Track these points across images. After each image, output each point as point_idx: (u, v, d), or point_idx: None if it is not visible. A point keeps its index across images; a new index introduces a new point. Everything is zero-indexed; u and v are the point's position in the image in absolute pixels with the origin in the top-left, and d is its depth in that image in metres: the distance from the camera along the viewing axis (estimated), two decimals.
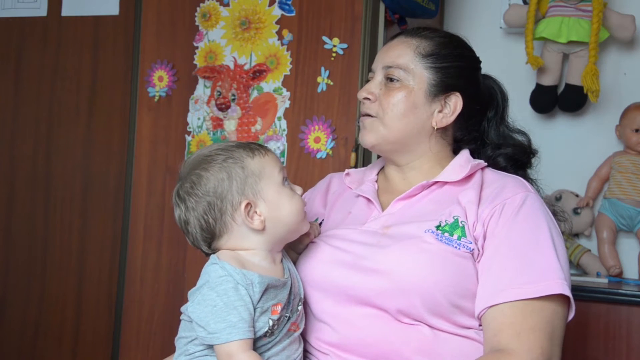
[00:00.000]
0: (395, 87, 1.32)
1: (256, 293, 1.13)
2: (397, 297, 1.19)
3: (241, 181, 1.18)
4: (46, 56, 2.38)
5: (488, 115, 1.43)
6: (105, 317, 2.26)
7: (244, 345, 1.10)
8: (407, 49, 1.34)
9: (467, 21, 2.55)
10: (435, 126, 1.33)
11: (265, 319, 1.14)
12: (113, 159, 2.28)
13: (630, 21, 2.25)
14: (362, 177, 1.44)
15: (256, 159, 1.20)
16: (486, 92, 1.42)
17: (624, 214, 2.25)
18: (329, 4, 2.00)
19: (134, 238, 2.22)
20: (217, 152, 1.20)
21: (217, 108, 2.12)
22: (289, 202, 1.20)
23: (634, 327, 1.90)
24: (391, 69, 1.33)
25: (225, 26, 2.13)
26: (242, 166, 1.19)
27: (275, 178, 1.20)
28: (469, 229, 1.23)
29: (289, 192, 1.22)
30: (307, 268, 1.29)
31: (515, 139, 1.43)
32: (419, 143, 1.34)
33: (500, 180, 1.30)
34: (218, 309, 1.10)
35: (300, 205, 1.22)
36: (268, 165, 1.21)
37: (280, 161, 1.24)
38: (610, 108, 2.36)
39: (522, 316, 1.15)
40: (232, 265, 1.14)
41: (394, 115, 1.31)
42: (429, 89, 1.32)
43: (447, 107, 1.34)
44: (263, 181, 1.19)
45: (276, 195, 1.19)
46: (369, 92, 1.34)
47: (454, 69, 1.34)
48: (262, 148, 1.23)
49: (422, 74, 1.32)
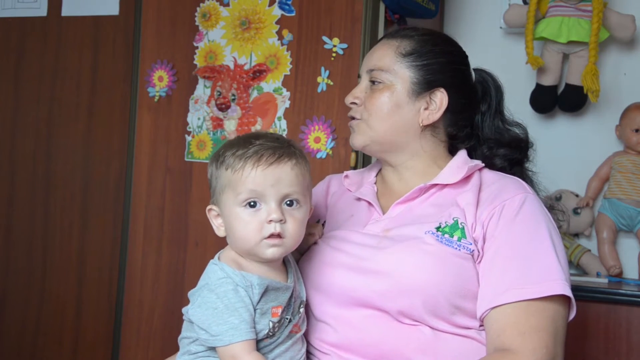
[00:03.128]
0: (378, 89, 1.33)
1: (256, 294, 1.13)
2: (398, 299, 1.19)
3: (216, 186, 1.19)
4: (46, 56, 2.38)
5: (482, 109, 1.43)
6: (105, 317, 2.26)
7: (247, 346, 1.10)
8: (389, 50, 1.35)
9: (467, 21, 2.55)
10: (422, 124, 1.33)
11: (266, 321, 1.14)
12: (113, 159, 2.28)
13: (630, 21, 2.25)
14: (360, 179, 1.44)
15: (227, 171, 1.16)
16: (479, 86, 1.42)
17: (624, 214, 2.25)
18: (329, 4, 2.00)
19: (134, 238, 2.22)
20: (224, 148, 1.21)
21: (217, 108, 2.12)
22: (239, 227, 1.15)
23: (634, 327, 1.90)
24: (374, 72, 1.34)
25: (225, 26, 2.13)
26: (219, 172, 1.18)
27: (234, 197, 1.15)
28: (469, 230, 1.23)
29: (245, 215, 1.14)
30: (308, 270, 1.29)
31: (511, 132, 1.42)
32: (408, 142, 1.34)
33: (498, 181, 1.30)
34: (219, 312, 1.10)
35: (250, 233, 1.14)
36: (233, 182, 1.15)
37: (260, 182, 1.14)
38: (610, 108, 2.36)
39: (525, 316, 1.16)
40: (231, 267, 1.14)
41: (378, 117, 1.32)
42: (411, 87, 1.32)
43: (433, 103, 1.33)
44: (225, 194, 1.17)
45: (229, 213, 1.16)
46: (355, 97, 1.36)
47: (436, 65, 1.34)
48: (245, 161, 1.15)
49: (404, 73, 1.32)
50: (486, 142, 1.41)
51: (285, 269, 1.23)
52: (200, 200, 2.14)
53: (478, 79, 1.42)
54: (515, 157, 1.41)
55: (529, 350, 1.13)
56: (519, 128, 1.44)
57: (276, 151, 1.16)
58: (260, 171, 1.14)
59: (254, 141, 1.17)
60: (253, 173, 1.14)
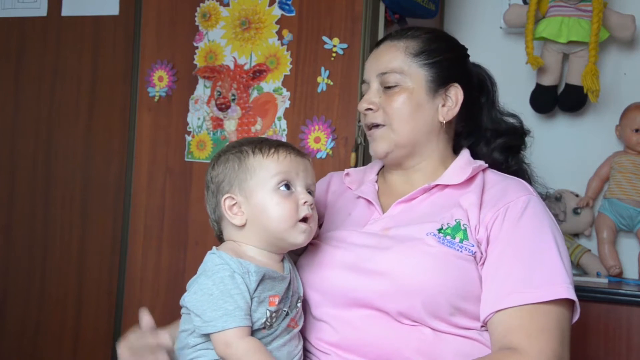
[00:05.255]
0: (395, 91, 1.32)
1: (252, 282, 1.13)
2: (398, 300, 1.19)
3: (233, 175, 1.19)
4: (46, 56, 2.38)
5: (481, 101, 1.44)
6: (105, 317, 2.26)
7: (240, 332, 1.10)
8: (397, 52, 1.34)
9: (467, 21, 2.55)
10: (443, 121, 1.33)
11: (263, 309, 1.14)
12: (113, 159, 2.28)
13: (630, 21, 2.25)
14: (362, 178, 1.44)
15: (256, 157, 1.19)
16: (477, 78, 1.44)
17: (624, 214, 2.25)
18: (329, 4, 2.00)
19: (134, 238, 2.22)
20: (238, 144, 1.23)
21: (217, 108, 2.12)
22: (275, 209, 1.17)
23: (634, 327, 1.90)
24: (386, 75, 1.32)
25: (225, 26, 2.13)
26: (240, 161, 1.20)
27: (267, 180, 1.18)
28: (471, 232, 1.22)
29: (279, 198, 1.18)
30: (308, 270, 1.29)
31: (507, 122, 1.45)
32: (428, 142, 1.34)
33: (501, 182, 1.30)
34: (214, 297, 1.10)
35: (287, 215, 1.17)
36: (266, 165, 1.19)
37: (293, 166, 1.19)
38: (610, 108, 2.36)
39: (530, 319, 1.16)
40: (229, 255, 1.15)
41: (401, 120, 1.31)
42: (428, 85, 1.32)
43: (449, 99, 1.34)
44: (253, 180, 1.18)
45: (262, 198, 1.18)
46: (370, 102, 1.34)
47: (446, 61, 1.34)
48: (276, 147, 1.20)
49: (418, 72, 1.32)
50: (485, 134, 1.42)
51: (282, 264, 1.24)
52: (200, 200, 2.14)
53: (474, 72, 1.44)
54: (513, 144, 1.42)
55: (535, 352, 1.13)
56: (514, 117, 1.46)
57: (268, 142, 1.22)
58: (293, 157, 1.20)
59: (263, 138, 1.24)
60: (289, 157, 1.20)
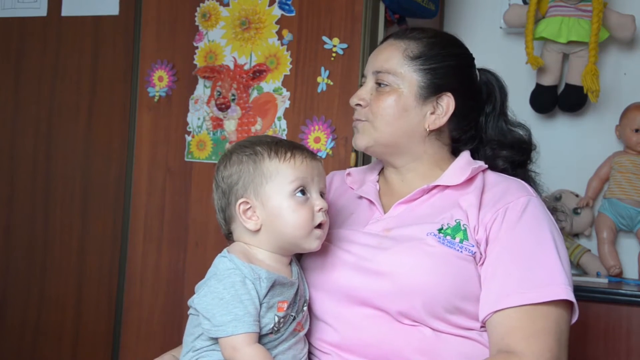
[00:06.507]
0: (385, 91, 1.31)
1: (263, 288, 1.13)
2: (399, 300, 1.19)
3: (248, 178, 1.18)
4: (46, 56, 2.38)
5: (486, 111, 1.41)
6: (105, 317, 2.26)
7: (248, 338, 1.10)
8: (396, 52, 1.32)
9: (467, 21, 2.55)
10: (428, 128, 1.31)
11: (272, 315, 1.14)
12: (113, 159, 2.28)
13: (630, 21, 2.25)
14: (363, 178, 1.44)
15: (273, 161, 1.17)
16: (483, 87, 1.41)
17: (624, 214, 2.25)
18: (329, 4, 2.00)
19: (134, 238, 2.22)
20: (250, 143, 1.21)
21: (217, 108, 2.12)
22: (292, 216, 1.16)
23: (634, 327, 1.90)
24: (380, 74, 1.32)
25: (225, 26, 2.13)
26: (255, 164, 1.18)
27: (284, 186, 1.17)
28: (471, 232, 1.22)
29: (295, 204, 1.16)
30: (312, 271, 1.29)
31: (514, 134, 1.41)
32: (413, 146, 1.33)
33: (501, 183, 1.30)
34: (225, 302, 1.10)
35: (304, 222, 1.17)
36: (282, 171, 1.17)
37: (309, 172, 1.18)
38: (610, 108, 2.36)
39: (529, 320, 1.15)
40: (241, 260, 1.14)
41: (384, 120, 1.30)
42: (419, 91, 1.30)
43: (440, 108, 1.31)
44: (269, 185, 1.17)
45: (279, 204, 1.17)
46: (360, 98, 1.34)
47: (443, 69, 1.32)
48: (292, 151, 1.18)
49: (412, 76, 1.30)
50: (489, 143, 1.40)
51: (290, 268, 1.24)
52: (200, 200, 2.14)
53: (483, 79, 1.41)
54: (517, 159, 1.39)
55: (533, 354, 1.13)
56: (522, 129, 1.42)
57: (285, 144, 1.20)
58: (309, 161, 1.19)
59: (277, 139, 1.22)
60: (305, 162, 1.18)
